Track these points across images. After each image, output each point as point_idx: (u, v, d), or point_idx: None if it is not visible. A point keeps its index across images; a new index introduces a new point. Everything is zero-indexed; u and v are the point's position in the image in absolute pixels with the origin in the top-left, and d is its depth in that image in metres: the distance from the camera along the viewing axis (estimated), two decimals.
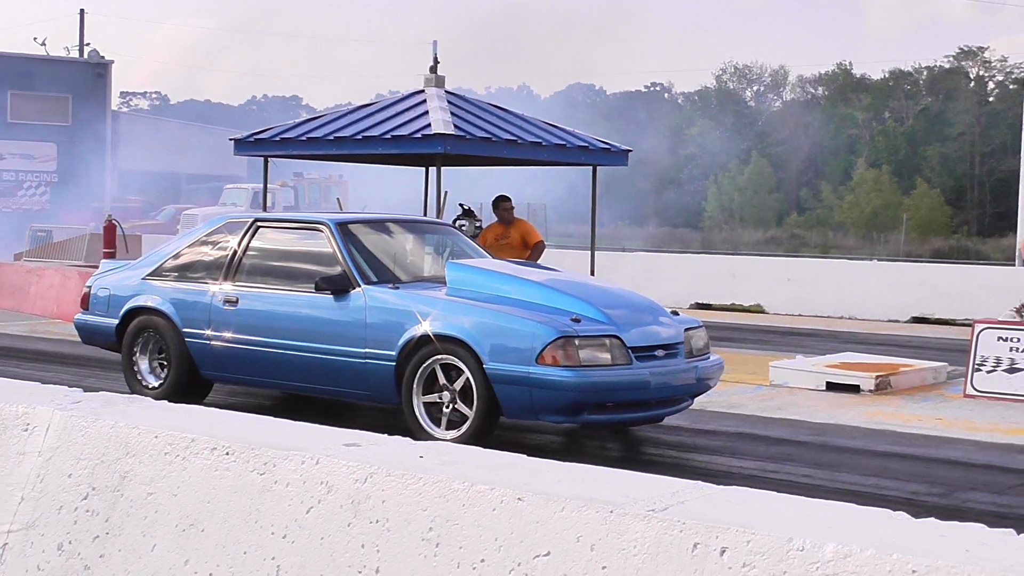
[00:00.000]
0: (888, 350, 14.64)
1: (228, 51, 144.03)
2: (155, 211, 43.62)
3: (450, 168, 17.20)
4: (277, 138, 16.29)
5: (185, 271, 10.19)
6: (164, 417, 3.67)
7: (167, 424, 3.54)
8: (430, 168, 16.75)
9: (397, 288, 9.08)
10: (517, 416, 8.55)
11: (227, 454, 3.31)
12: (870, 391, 11.58)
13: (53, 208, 46.76)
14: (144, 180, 56.64)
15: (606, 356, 8.29)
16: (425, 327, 8.54)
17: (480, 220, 15.24)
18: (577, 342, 8.16)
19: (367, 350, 8.84)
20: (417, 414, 8.56)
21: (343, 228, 9.59)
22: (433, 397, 8.55)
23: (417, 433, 8.36)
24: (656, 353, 8.65)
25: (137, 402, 3.92)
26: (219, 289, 9.77)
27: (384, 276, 9.28)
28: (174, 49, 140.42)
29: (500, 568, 2.83)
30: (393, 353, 8.66)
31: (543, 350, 8.08)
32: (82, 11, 63.08)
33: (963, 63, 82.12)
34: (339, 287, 9.06)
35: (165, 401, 4.02)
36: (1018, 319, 13.48)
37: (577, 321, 8.32)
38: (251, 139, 16.66)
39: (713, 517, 2.68)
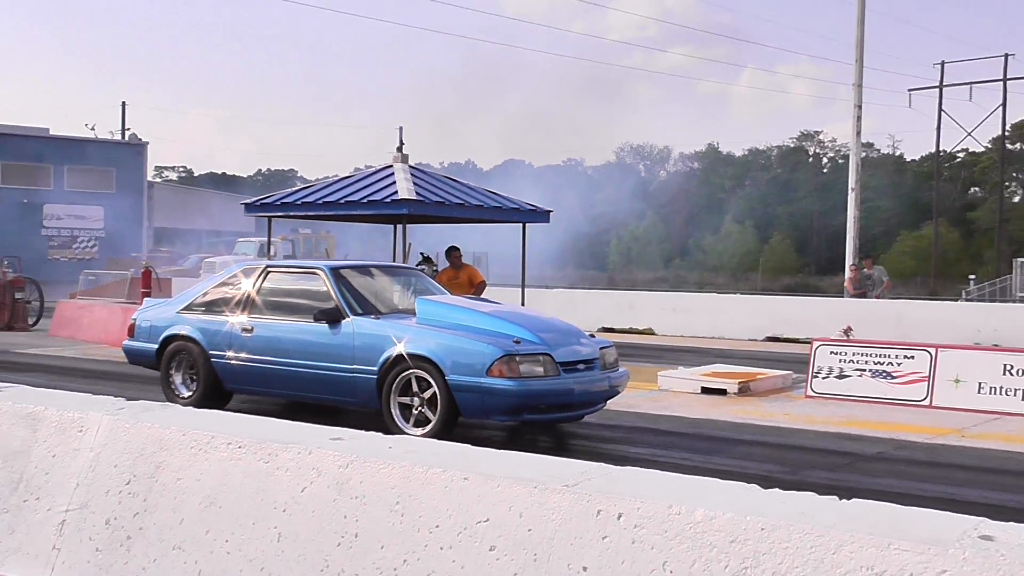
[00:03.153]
0: (748, 362, 14.76)
1: (240, 134, 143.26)
2: (181, 259, 43.18)
3: (413, 225, 17.22)
4: (278, 202, 16.22)
5: (211, 306, 10.04)
6: (190, 419, 3.67)
7: (192, 425, 3.54)
8: (398, 225, 16.76)
9: (378, 318, 9.03)
10: (472, 416, 8.49)
11: (239, 447, 3.31)
12: (735, 393, 11.67)
13: (101, 257, 46.41)
14: (172, 235, 56.32)
15: (540, 369, 8.28)
16: (400, 348, 8.53)
17: (436, 265, 15.27)
18: (518, 359, 8.20)
19: (354, 366, 8.79)
20: (394, 415, 8.55)
21: (335, 272, 9.55)
22: (406, 400, 8.54)
23: (393, 430, 8.30)
24: (579, 367, 8.65)
25: (169, 408, 3.91)
26: (237, 320, 9.69)
27: (368, 309, 9.21)
28: (198, 132, 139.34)
29: (451, 531, 2.85)
30: (375, 368, 8.63)
31: (492, 365, 8.11)
32: (123, 103, 62.77)
33: (804, 143, 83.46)
34: (333, 318, 9.02)
35: (191, 407, 4.01)
36: (845, 338, 13.71)
37: (518, 343, 8.35)
38: (258, 203, 16.58)
39: (612, 490, 2.72)
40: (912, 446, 8.95)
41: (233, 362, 9.64)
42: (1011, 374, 10.84)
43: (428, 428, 8.37)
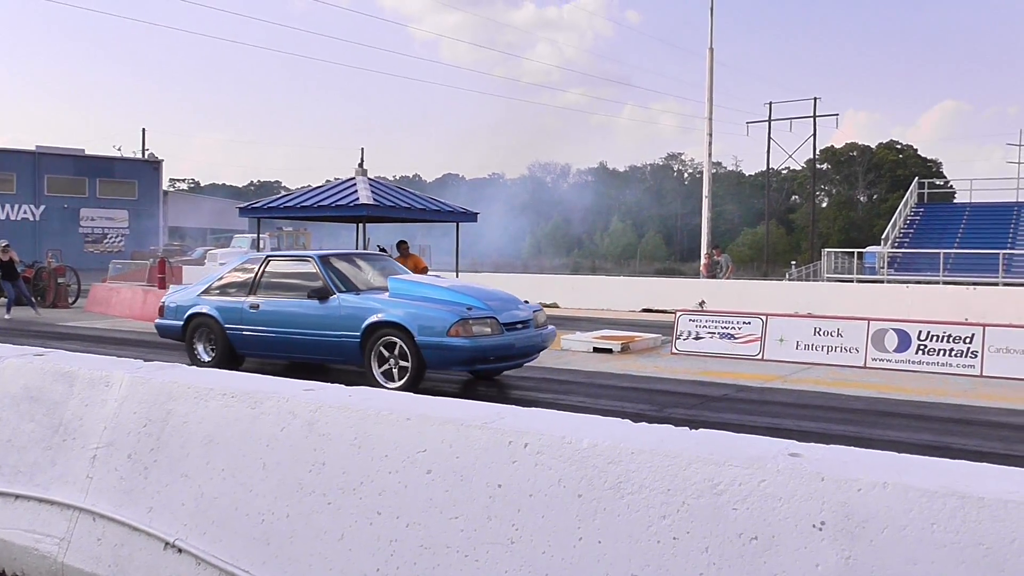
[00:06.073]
0: (629, 327, 14.93)
1: (237, 151, 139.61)
2: (190, 251, 42.22)
3: (372, 224, 17.06)
4: (266, 207, 15.97)
5: (225, 289, 9.74)
6: (192, 376, 3.59)
7: (194, 380, 3.46)
8: (359, 224, 16.60)
9: (358, 294, 8.80)
10: (435, 368, 8.29)
11: (232, 397, 3.25)
12: (618, 352, 11.80)
13: (126, 251, 45.34)
14: (183, 232, 55.14)
15: (488, 330, 8.14)
16: (378, 317, 8.34)
17: (389, 255, 15.15)
18: (471, 322, 8.06)
19: (341, 332, 8.57)
20: (373, 369, 8.36)
21: (323, 259, 9.30)
22: (383, 356, 8.34)
23: (372, 382, 8.15)
24: (517, 327, 8.53)
25: (178, 368, 3.82)
26: (247, 299, 9.42)
27: (349, 287, 8.96)
28: (204, 152, 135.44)
29: (397, 459, 2.82)
30: (358, 334, 8.43)
31: (450, 327, 7.98)
32: (143, 129, 61.13)
33: (670, 162, 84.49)
34: (322, 295, 8.79)
35: (195, 367, 3.92)
36: (700, 309, 13.93)
37: (470, 310, 8.21)
38: (250, 207, 16.28)
39: (520, 427, 2.71)
40: (748, 389, 9.10)
41: (244, 333, 9.37)
42: (819, 335, 11.13)
43: (403, 380, 8.14)
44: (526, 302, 9.24)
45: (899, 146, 72.01)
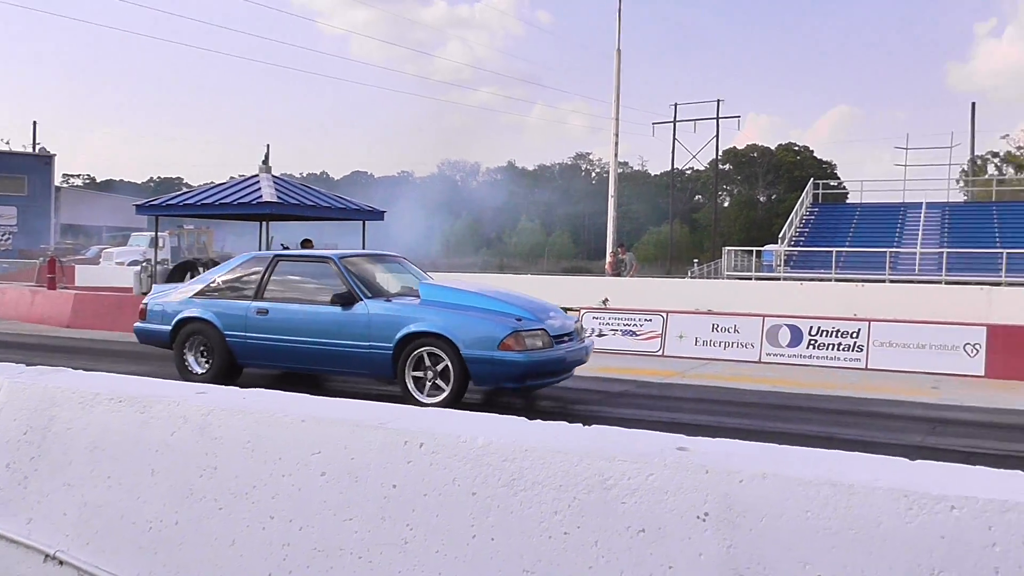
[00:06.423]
0: None
1: (135, 146, 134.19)
2: (84, 250, 40.48)
3: (278, 222, 16.73)
4: (165, 204, 15.46)
5: (224, 291, 8.72)
6: (77, 381, 3.44)
7: (79, 385, 3.32)
8: (263, 222, 16.25)
9: (389, 300, 7.93)
10: (482, 384, 7.59)
11: (119, 402, 3.13)
12: None
13: (13, 249, 43.21)
14: (77, 230, 52.99)
15: (539, 343, 7.45)
16: (416, 327, 7.54)
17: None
18: (523, 334, 7.36)
19: (371, 343, 7.73)
20: (408, 385, 7.60)
21: (344, 260, 8.34)
22: (419, 373, 7.60)
23: (407, 398, 7.54)
24: (564, 339, 7.85)
25: (62, 372, 3.66)
26: (252, 303, 8.42)
27: (375, 292, 8.09)
28: (99, 146, 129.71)
29: (291, 462, 2.78)
30: (391, 345, 7.61)
31: (502, 340, 7.27)
32: (35, 122, 58.60)
33: (579, 161, 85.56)
34: (347, 301, 7.88)
35: (82, 371, 3.76)
36: (604, 306, 14.17)
37: (519, 320, 7.52)
38: (148, 204, 15.74)
39: (416, 427, 2.71)
40: (649, 385, 9.29)
41: (249, 340, 8.37)
42: (717, 331, 11.47)
43: (442, 396, 7.46)
44: (565, 310, 8.54)
45: (797, 148, 74.78)
